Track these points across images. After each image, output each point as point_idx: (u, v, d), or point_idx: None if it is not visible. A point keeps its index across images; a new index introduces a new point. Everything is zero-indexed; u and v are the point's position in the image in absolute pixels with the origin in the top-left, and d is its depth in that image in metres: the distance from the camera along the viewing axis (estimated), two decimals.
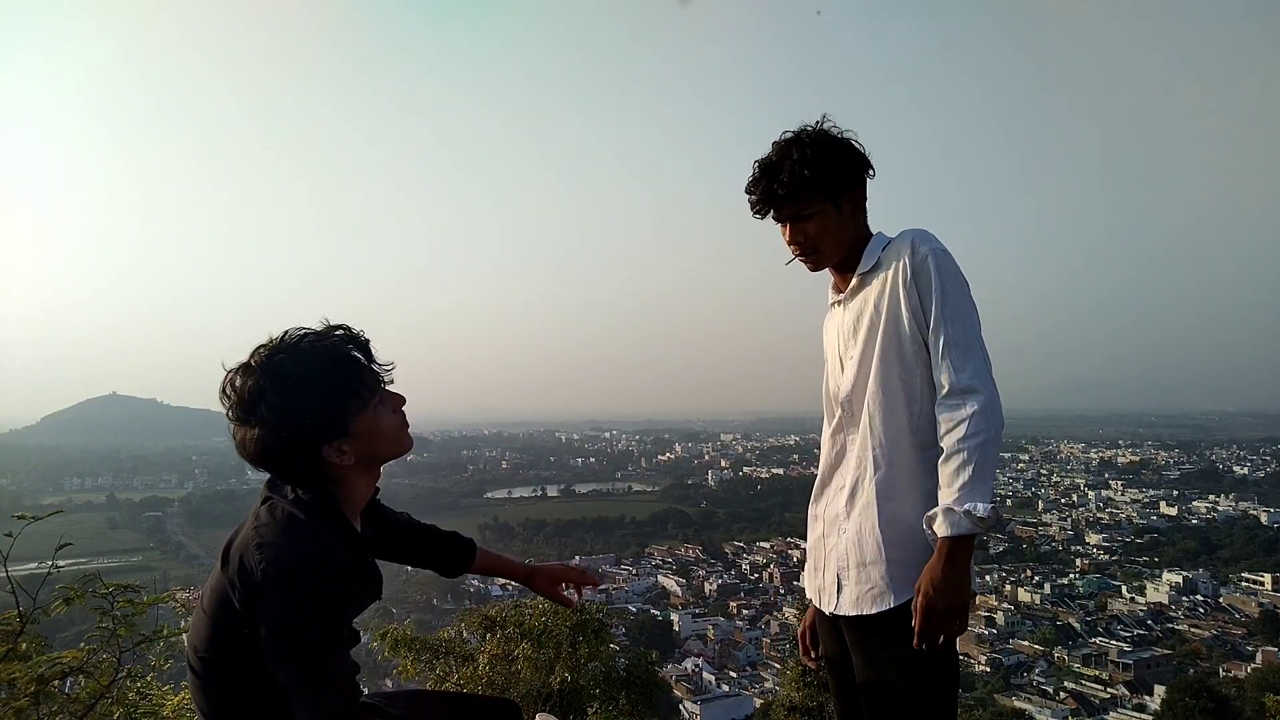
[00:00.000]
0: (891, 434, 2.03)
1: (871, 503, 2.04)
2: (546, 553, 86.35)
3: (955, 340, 1.94)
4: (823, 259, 2.16)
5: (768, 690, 38.54)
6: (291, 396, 1.61)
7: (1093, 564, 75.52)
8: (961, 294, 1.99)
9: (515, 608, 7.67)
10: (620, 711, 7.52)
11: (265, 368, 1.63)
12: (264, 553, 1.55)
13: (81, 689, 2.98)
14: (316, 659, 1.53)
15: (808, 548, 2.32)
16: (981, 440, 1.87)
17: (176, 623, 3.28)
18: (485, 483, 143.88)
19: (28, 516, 2.77)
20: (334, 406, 1.65)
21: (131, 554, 79.90)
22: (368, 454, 1.72)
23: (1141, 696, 42.39)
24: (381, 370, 1.76)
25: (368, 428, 1.70)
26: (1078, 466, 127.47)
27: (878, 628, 2.01)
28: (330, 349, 1.68)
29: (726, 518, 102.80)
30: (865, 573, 2.03)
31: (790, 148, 2.08)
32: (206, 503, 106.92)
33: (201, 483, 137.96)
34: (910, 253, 2.01)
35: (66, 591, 2.89)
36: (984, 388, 1.91)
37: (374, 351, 1.75)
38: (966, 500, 1.84)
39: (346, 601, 1.63)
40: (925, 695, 1.98)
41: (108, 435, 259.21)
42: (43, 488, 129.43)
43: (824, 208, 2.08)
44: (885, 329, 2.03)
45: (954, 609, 1.86)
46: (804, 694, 11.50)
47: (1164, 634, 55.79)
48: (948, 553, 1.87)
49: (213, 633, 1.65)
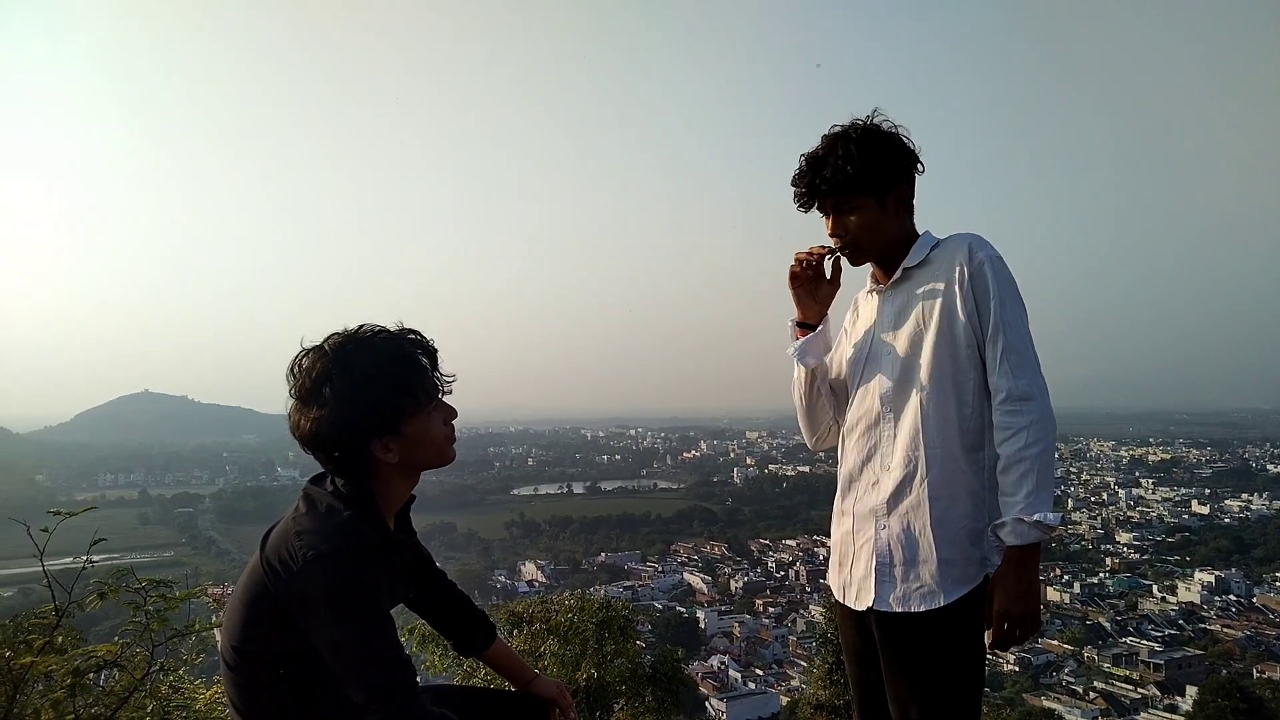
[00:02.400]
0: (944, 434, 2.04)
1: (923, 502, 2.04)
2: (572, 549, 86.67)
3: (1013, 346, 1.97)
4: (863, 254, 2.17)
5: (794, 688, 38.38)
6: (354, 385, 1.66)
7: (1123, 563, 74.54)
8: (1017, 301, 2.02)
9: (542, 604, 7.70)
10: (646, 708, 7.54)
11: (336, 354, 1.69)
12: (304, 540, 1.59)
13: (116, 682, 3.01)
14: (366, 636, 1.56)
15: (833, 542, 2.31)
16: (1041, 449, 1.92)
17: (208, 617, 3.31)
18: (511, 479, 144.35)
19: (63, 512, 2.81)
20: (390, 403, 1.69)
21: (163, 549, 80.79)
22: (412, 456, 1.76)
23: (1173, 697, 41.88)
24: (442, 380, 1.81)
25: (417, 431, 1.74)
26: (1107, 464, 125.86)
27: (921, 626, 2.02)
28: (397, 348, 1.74)
29: (752, 515, 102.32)
30: (915, 571, 2.04)
31: (837, 142, 2.09)
32: (237, 499, 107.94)
33: (232, 479, 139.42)
34: (968, 257, 2.03)
35: (101, 586, 2.91)
36: (1040, 395, 1.96)
37: (439, 360, 1.80)
38: (1034, 510, 1.89)
39: (383, 587, 1.65)
40: (956, 692, 2.01)
41: (140, 432, 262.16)
42: (77, 484, 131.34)
43: (867, 202, 2.10)
44: (938, 329, 2.04)
45: (1028, 612, 1.92)
46: (831, 692, 11.48)
47: (1196, 634, 54.98)
48: (1019, 560, 1.92)
49: (247, 623, 1.67)
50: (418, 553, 2.06)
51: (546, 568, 76.24)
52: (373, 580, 1.60)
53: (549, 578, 70.95)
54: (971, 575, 2.01)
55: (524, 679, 2.21)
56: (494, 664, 2.21)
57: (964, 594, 1.99)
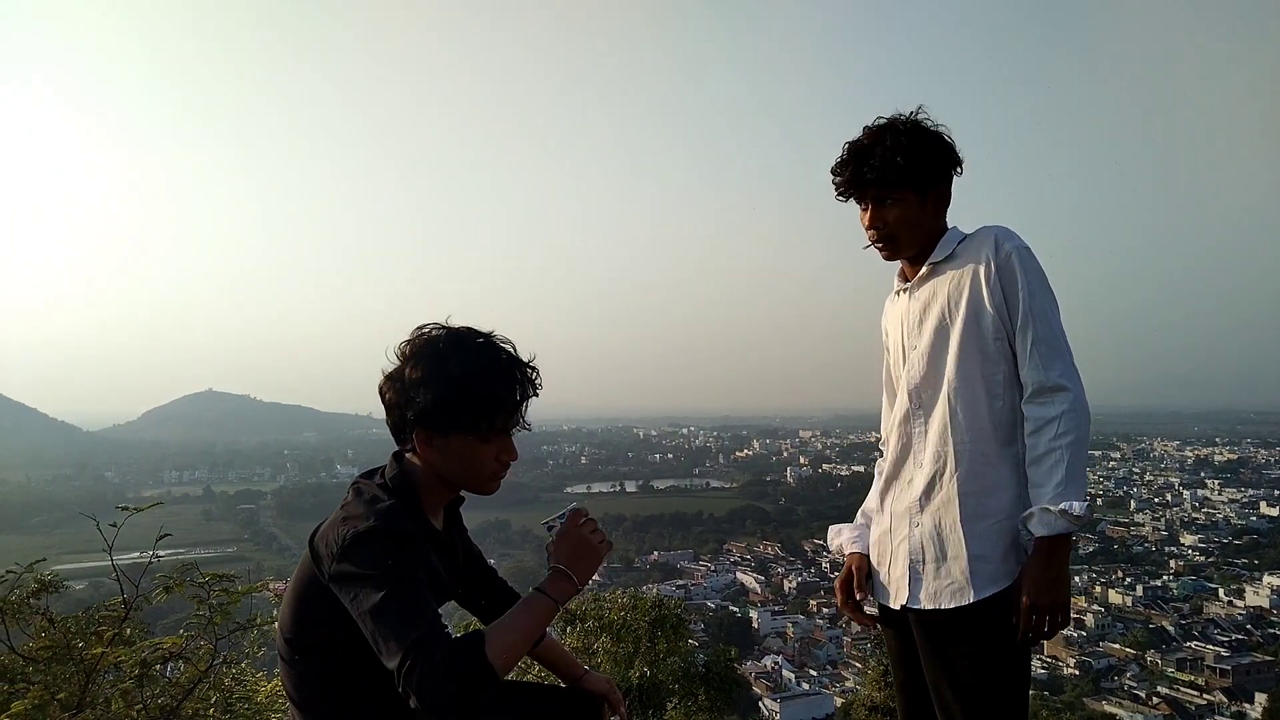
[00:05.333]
0: (973, 429, 2.01)
1: (953, 498, 2.02)
2: (625, 547, 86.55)
3: (1042, 337, 1.94)
4: (899, 249, 2.15)
5: (848, 690, 38.07)
6: (445, 373, 1.70)
7: (1188, 565, 72.47)
8: (1046, 292, 1.98)
9: (595, 601, 7.72)
10: (699, 707, 7.53)
11: (455, 338, 1.75)
12: (348, 524, 1.64)
13: (181, 674, 3.08)
14: (402, 606, 1.57)
15: (872, 542, 2.30)
16: (1072, 439, 1.88)
17: (269, 612, 3.37)
18: (564, 478, 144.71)
19: (130, 508, 2.89)
20: (452, 405, 1.71)
21: (227, 545, 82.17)
22: (448, 468, 1.79)
23: (1241, 704, 40.77)
24: (518, 420, 1.82)
25: (463, 450, 1.76)
26: (1172, 465, 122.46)
27: (954, 623, 2.00)
28: (499, 368, 1.76)
29: (805, 515, 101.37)
30: (945, 568, 2.02)
31: (884, 133, 2.08)
32: (297, 496, 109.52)
33: (293, 476, 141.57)
34: (994, 250, 2.00)
35: (166, 580, 2.99)
36: (1072, 385, 1.92)
37: (527, 399, 1.81)
38: (1062, 500, 1.85)
39: (421, 567, 1.67)
40: (998, 691, 1.97)
41: (204, 430, 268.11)
42: (143, 480, 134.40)
43: (909, 196, 2.07)
44: (965, 322, 2.01)
45: (1057, 604, 1.88)
46: (886, 694, 11.32)
47: (1265, 639, 53.29)
48: (1046, 551, 1.88)
49: (299, 614, 1.72)
50: (469, 550, 2.08)
51: (600, 565, 76.12)
52: (411, 557, 1.64)
53: (602, 575, 71.05)
54: (1009, 572, 1.97)
55: (574, 675, 2.22)
56: (545, 660, 2.22)
57: (997, 591, 1.96)
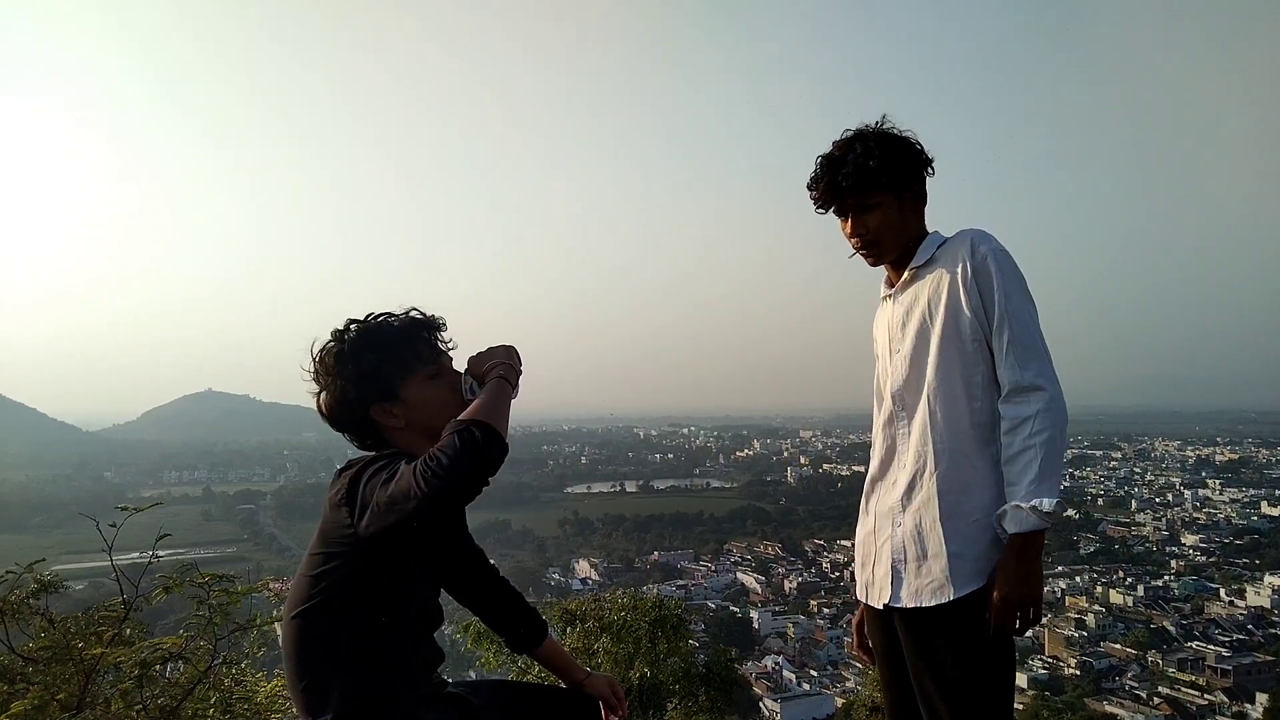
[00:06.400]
0: (953, 429, 2.06)
1: (932, 497, 2.06)
2: (625, 547, 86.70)
3: (1018, 338, 1.99)
4: (883, 253, 2.20)
5: (849, 690, 38.08)
6: (347, 359, 1.83)
7: (1189, 565, 72.43)
8: (1023, 293, 2.03)
9: (595, 602, 7.73)
10: (700, 707, 7.54)
11: (337, 336, 1.88)
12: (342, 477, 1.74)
13: (181, 674, 3.09)
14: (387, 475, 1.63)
15: (857, 542, 2.34)
16: (1047, 437, 1.93)
17: (269, 612, 3.38)
18: (565, 477, 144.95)
19: (130, 508, 2.90)
20: (375, 369, 1.83)
21: (226, 545, 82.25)
22: (416, 420, 1.87)
23: (1242, 704, 40.76)
24: (444, 346, 1.94)
25: (416, 395, 1.86)
26: (1173, 464, 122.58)
27: (935, 621, 2.04)
28: (393, 324, 1.89)
29: (806, 515, 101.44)
30: (925, 566, 2.05)
31: (854, 142, 2.14)
32: (297, 496, 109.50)
33: (292, 476, 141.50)
34: (970, 252, 2.05)
35: (166, 580, 3.00)
36: (1048, 385, 1.97)
37: (440, 329, 1.94)
38: (1033, 496, 1.90)
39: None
40: (982, 686, 2.00)
41: (204, 430, 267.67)
42: (143, 480, 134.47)
43: (886, 200, 2.13)
44: (944, 325, 2.06)
45: (1028, 599, 1.93)
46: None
47: (1266, 639, 53.33)
48: (1019, 547, 1.93)
49: (307, 582, 1.75)
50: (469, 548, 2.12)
51: (600, 565, 76.44)
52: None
53: (603, 576, 71.12)
54: (988, 569, 2.01)
55: (575, 677, 2.23)
56: (546, 661, 2.23)
57: (977, 588, 1.99)
